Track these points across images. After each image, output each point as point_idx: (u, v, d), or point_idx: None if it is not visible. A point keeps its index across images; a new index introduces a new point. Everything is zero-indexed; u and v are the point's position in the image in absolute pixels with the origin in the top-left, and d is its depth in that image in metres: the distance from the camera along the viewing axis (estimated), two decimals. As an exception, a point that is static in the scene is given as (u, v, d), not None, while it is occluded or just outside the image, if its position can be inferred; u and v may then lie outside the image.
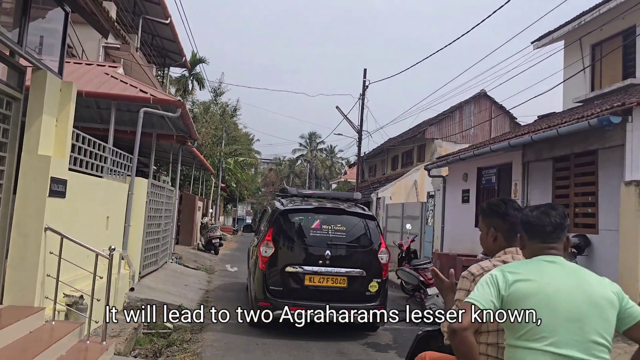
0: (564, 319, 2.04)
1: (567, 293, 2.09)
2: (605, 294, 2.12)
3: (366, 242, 7.62)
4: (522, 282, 2.11)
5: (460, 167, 13.46)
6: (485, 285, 2.14)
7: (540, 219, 2.30)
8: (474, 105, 24.87)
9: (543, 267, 2.18)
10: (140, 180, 9.01)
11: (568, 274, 2.16)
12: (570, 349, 2.01)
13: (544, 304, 2.06)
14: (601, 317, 2.07)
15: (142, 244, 9.54)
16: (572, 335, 2.02)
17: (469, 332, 2.02)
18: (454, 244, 13.73)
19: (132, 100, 9.15)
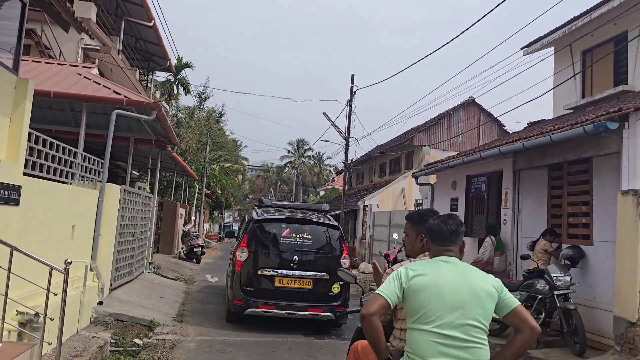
0: (449, 307, 2.48)
1: (453, 286, 2.53)
2: (485, 288, 2.57)
3: (330, 249, 8.55)
4: (419, 277, 2.56)
5: (449, 175, 13.09)
6: (391, 279, 2.61)
7: (439, 227, 2.75)
8: (463, 113, 24.63)
9: (439, 265, 2.63)
10: (111, 187, 8.50)
11: (457, 271, 2.61)
12: (453, 330, 2.47)
13: (434, 295, 2.51)
14: (480, 306, 2.52)
15: (114, 253, 9.00)
16: (455, 319, 2.47)
17: (375, 317, 2.49)
18: (443, 253, 13.33)
19: (104, 102, 8.65)
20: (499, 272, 10.03)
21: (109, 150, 8.48)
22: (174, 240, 18.03)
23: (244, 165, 59.62)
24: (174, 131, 23.02)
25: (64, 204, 6.84)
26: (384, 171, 28.84)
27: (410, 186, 23.44)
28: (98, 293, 8.08)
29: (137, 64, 24.53)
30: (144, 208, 11.35)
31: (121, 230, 9.34)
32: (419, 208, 2.63)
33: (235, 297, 8.14)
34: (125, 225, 9.66)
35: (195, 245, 17.70)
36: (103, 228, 8.31)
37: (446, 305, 2.49)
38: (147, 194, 11.83)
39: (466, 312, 2.49)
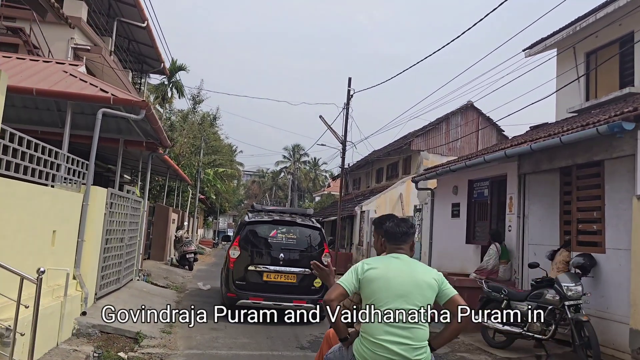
0: (395, 295, 3.01)
1: (400, 278, 3.05)
2: (426, 280, 3.08)
3: (312, 248, 9.58)
4: (372, 270, 3.10)
5: (450, 180, 12.68)
6: (350, 272, 3.15)
7: (393, 229, 3.28)
8: (461, 117, 24.29)
9: (390, 260, 3.17)
10: (97, 190, 8.02)
11: (405, 266, 3.12)
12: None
13: (384, 284, 3.04)
14: (421, 294, 3.03)
15: (100, 260, 8.51)
16: (399, 305, 2.99)
17: (334, 302, 3.03)
18: (443, 260, 12.90)
19: (89, 100, 8.19)
20: (504, 280, 9.61)
21: (94, 151, 8.00)
22: (165, 246, 17.51)
23: (239, 170, 59.17)
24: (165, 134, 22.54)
25: (44, 208, 6.37)
26: (381, 176, 28.44)
27: (408, 191, 23.05)
28: (81, 303, 7.59)
29: (130, 66, 24.07)
30: (133, 212, 10.87)
31: (108, 235, 8.86)
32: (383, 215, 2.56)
33: (228, 290, 9.18)
34: (113, 231, 9.18)
35: (188, 252, 17.19)
36: (87, 233, 7.82)
37: (393, 293, 3.03)
38: (136, 197, 11.35)
39: (409, 299, 3.02)
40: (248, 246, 9.39)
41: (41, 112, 11.01)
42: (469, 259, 11.55)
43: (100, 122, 8.04)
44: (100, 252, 8.51)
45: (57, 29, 15.76)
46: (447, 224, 12.88)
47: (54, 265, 6.80)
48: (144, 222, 12.28)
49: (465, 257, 11.75)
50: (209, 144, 28.72)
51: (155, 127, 9.73)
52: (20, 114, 11.26)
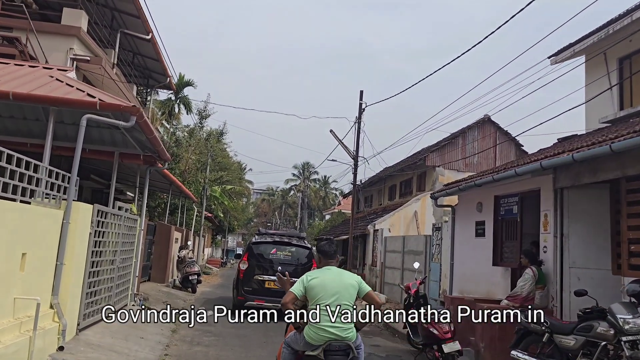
0: (330, 294, 4.49)
1: (333, 282, 4.56)
2: (351, 282, 4.62)
3: (303, 262, 12.28)
4: (313, 279, 4.59)
5: (473, 195, 11.61)
6: (299, 282, 4.63)
7: (325, 247, 4.85)
8: (478, 131, 23.27)
9: (324, 271, 4.70)
10: (80, 206, 7.09)
11: (335, 274, 4.65)
12: (330, 307, 4.43)
13: (322, 288, 4.52)
14: (347, 293, 4.54)
15: (84, 286, 7.55)
16: (333, 301, 4.47)
17: (288, 304, 4.50)
18: (466, 284, 11.77)
19: (73, 105, 7.32)
20: (540, 308, 8.48)
21: (77, 163, 7.08)
22: (167, 267, 16.53)
23: (249, 188, 58.39)
24: (171, 149, 21.64)
25: (9, 227, 5.43)
26: (394, 194, 27.38)
27: (424, 209, 21.98)
28: (58, 336, 6.61)
29: (135, 81, 23.40)
30: (127, 232, 9.93)
31: (94, 257, 7.90)
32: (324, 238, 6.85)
33: (239, 294, 12.07)
34: (101, 252, 8.22)
35: (191, 273, 16.19)
36: (68, 256, 6.88)
37: (329, 293, 4.50)
38: (132, 215, 10.41)
39: (340, 297, 4.51)
40: (254, 261, 12.44)
41: (29, 123, 10.18)
42: (497, 283, 10.43)
43: (84, 129, 7.14)
44: (85, 276, 7.55)
45: (56, 39, 15.07)
46: (470, 244, 11.78)
47: (23, 293, 5.85)
48: (140, 241, 11.33)
49: (492, 280, 10.63)
50: (215, 161, 27.92)
51: (150, 137, 8.83)
52: (7, 124, 10.44)
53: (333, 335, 4.41)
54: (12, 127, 10.58)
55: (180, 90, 30.65)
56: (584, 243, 8.21)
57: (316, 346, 4.42)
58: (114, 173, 10.85)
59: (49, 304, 6.66)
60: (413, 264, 10.88)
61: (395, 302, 17.09)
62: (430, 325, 8.02)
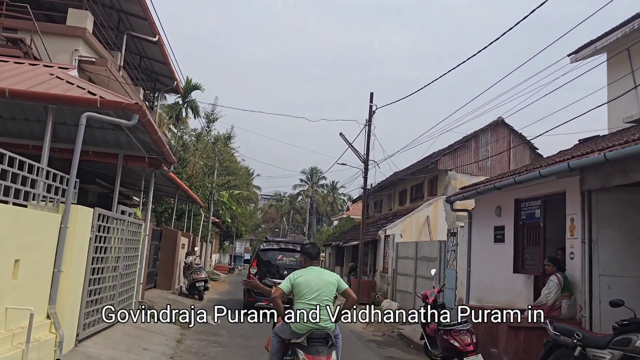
0: (313, 291, 5.21)
1: (315, 280, 5.27)
2: (331, 280, 5.37)
3: None
4: (299, 277, 5.30)
5: (491, 199, 11.12)
6: (287, 279, 5.39)
7: (309, 250, 5.65)
8: (491, 134, 22.73)
9: (308, 271, 5.41)
10: (79, 210, 6.68)
11: (317, 273, 5.38)
12: (314, 301, 5.15)
13: (306, 285, 5.23)
14: (328, 289, 5.27)
15: (84, 294, 7.13)
16: (316, 296, 5.20)
17: (277, 299, 5.30)
18: (485, 292, 11.25)
19: (72, 103, 6.92)
20: (568, 319, 7.98)
21: (76, 164, 6.68)
22: (173, 273, 16.11)
23: (256, 193, 58.06)
24: (178, 154, 21.27)
25: (1, 231, 5.02)
26: (405, 198, 26.86)
27: (436, 214, 21.46)
28: (55, 348, 6.18)
29: (142, 84, 23.12)
30: (131, 237, 9.52)
31: (95, 264, 7.49)
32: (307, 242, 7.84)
33: (249, 296, 13.24)
34: (102, 259, 7.81)
35: (198, 280, 15.75)
36: (66, 262, 6.46)
37: (312, 290, 5.26)
38: (136, 220, 10.01)
39: (321, 293, 5.26)
40: (262, 265, 13.85)
41: (31, 124, 9.83)
42: (519, 292, 9.91)
43: (84, 128, 6.74)
44: (85, 284, 7.14)
45: (61, 41, 14.80)
46: (488, 250, 11.27)
47: (15, 302, 5.44)
48: (145, 247, 10.92)
49: (514, 289, 10.10)
50: (223, 165, 27.52)
51: (154, 137, 8.43)
52: (8, 126, 10.10)
53: (315, 325, 5.22)
54: (13, 129, 10.23)
55: (188, 94, 30.35)
56: (615, 249, 7.70)
57: (301, 334, 5.21)
58: (117, 176, 10.47)
59: (45, 314, 6.25)
60: (430, 270, 10.36)
61: (408, 309, 16.54)
62: (450, 336, 7.52)
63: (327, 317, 5.23)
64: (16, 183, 5.46)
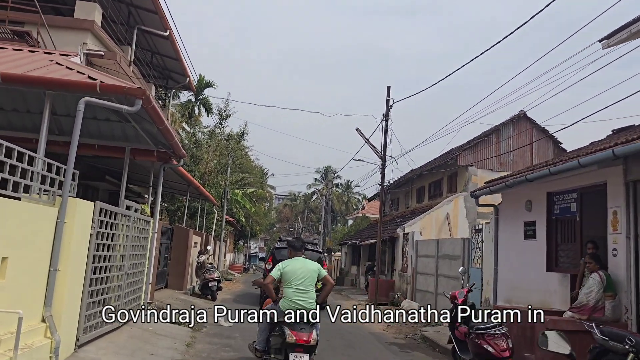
0: (298, 277, 6.26)
1: (300, 269, 6.33)
2: (313, 269, 6.43)
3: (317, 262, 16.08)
4: (287, 266, 6.34)
5: (521, 193, 10.40)
6: (276, 268, 6.39)
7: (294, 243, 6.81)
8: (513, 128, 21.90)
9: (294, 261, 6.44)
10: (78, 203, 6.14)
11: (301, 263, 6.43)
12: (300, 286, 6.23)
13: (292, 273, 6.27)
14: (311, 277, 6.34)
15: (84, 295, 6.59)
16: (301, 282, 6.25)
17: (269, 284, 6.40)
18: (514, 292, 10.54)
19: (70, 88, 6.39)
20: (612, 321, 7.26)
21: (73, 152, 6.12)
22: (185, 273, 15.60)
23: (271, 193, 57.61)
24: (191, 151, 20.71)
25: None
26: (423, 195, 26.12)
27: (456, 211, 20.71)
28: (50, 355, 5.65)
29: (154, 82, 22.69)
30: (138, 234, 8.99)
31: (97, 262, 6.95)
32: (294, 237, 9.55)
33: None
34: (105, 257, 7.27)
35: (210, 280, 15.22)
36: (64, 260, 5.93)
37: (297, 277, 6.26)
38: (143, 216, 9.49)
39: (305, 280, 6.26)
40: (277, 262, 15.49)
41: (34, 117, 9.36)
42: (553, 291, 9.19)
43: (82, 114, 6.19)
44: (85, 284, 6.60)
45: (68, 34, 14.34)
46: (518, 247, 10.55)
47: (4, 305, 4.90)
48: (154, 245, 10.40)
49: (547, 288, 9.38)
50: (237, 163, 27.00)
51: (160, 127, 7.88)
52: (10, 119, 9.65)
53: (299, 305, 6.25)
54: (16, 122, 9.80)
55: (201, 92, 29.90)
56: (669, 245, 6.97)
57: (288, 311, 6.20)
58: (125, 170, 9.96)
59: (40, 317, 5.71)
60: (454, 269, 9.69)
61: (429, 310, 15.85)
62: (483, 340, 6.85)
63: (311, 300, 6.37)
64: (4, 173, 4.93)
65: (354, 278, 30.48)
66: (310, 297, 6.31)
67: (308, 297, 6.29)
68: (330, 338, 10.54)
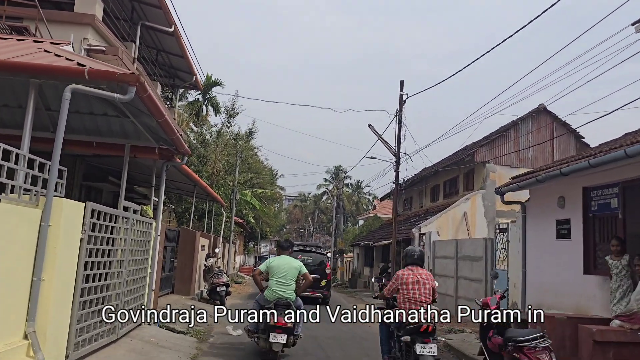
0: (281, 271, 7.87)
1: (283, 265, 7.95)
2: (295, 265, 8.05)
3: (320, 264, 17.91)
4: (272, 262, 8.12)
5: (551, 189, 9.60)
6: (264, 263, 8.31)
7: (281, 244, 8.62)
8: (532, 123, 21.00)
9: (280, 258, 8.20)
10: (64, 204, 5.44)
11: (285, 260, 8.09)
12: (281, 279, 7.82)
13: (277, 267, 7.91)
14: (292, 272, 7.93)
15: (74, 307, 5.89)
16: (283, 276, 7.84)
17: (257, 276, 8.29)
18: (545, 297, 9.72)
19: (55, 74, 5.70)
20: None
21: (59, 145, 5.43)
22: (192, 277, 14.91)
23: (281, 194, 56.99)
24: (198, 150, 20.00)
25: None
26: (437, 194, 25.28)
27: (474, 210, 19.88)
28: (31, 377, 4.95)
29: (160, 80, 22.08)
30: (138, 237, 8.31)
31: (90, 270, 6.26)
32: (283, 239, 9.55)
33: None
34: (100, 263, 6.58)
35: (219, 284, 14.53)
36: (49, 269, 5.23)
37: (280, 271, 7.82)
38: (144, 218, 8.81)
39: (286, 274, 7.82)
40: None
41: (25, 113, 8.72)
42: (591, 297, 8.37)
43: (67, 103, 5.48)
44: (75, 294, 5.90)
45: (68, 29, 13.71)
46: (549, 247, 9.74)
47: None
48: (157, 249, 9.71)
49: (584, 292, 8.57)
50: (245, 162, 26.33)
51: (160, 120, 7.18)
52: (3, 116, 9.02)
53: (280, 295, 7.71)
54: (8, 120, 9.16)
55: (208, 91, 29.30)
56: None
57: (271, 301, 7.66)
58: (124, 169, 9.29)
59: (22, 334, 5.02)
60: (487, 272, 8.90)
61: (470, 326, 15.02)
62: (522, 354, 6.07)
63: (290, 291, 7.80)
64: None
65: (367, 280, 29.67)
66: (289, 289, 7.84)
67: (288, 288, 7.82)
68: (347, 347, 9.80)
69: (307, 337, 10.37)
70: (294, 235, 79.14)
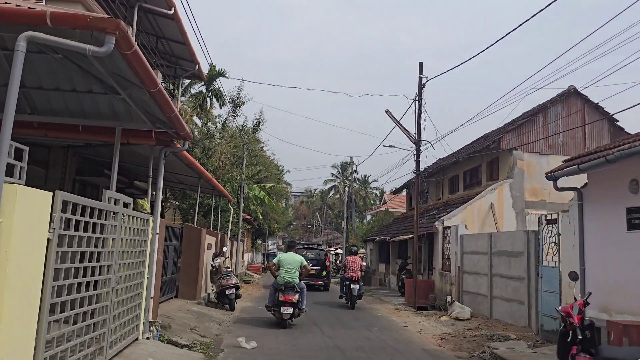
0: (288, 264, 11.69)
1: (289, 259, 11.83)
2: (298, 259, 11.89)
3: (321, 258, 23.54)
4: (282, 257, 12.03)
5: (619, 171, 8.12)
6: (276, 257, 12.42)
7: (288, 243, 12.98)
8: (562, 107, 19.45)
9: (287, 254, 12.13)
10: (22, 192, 4.01)
11: (291, 256, 11.99)
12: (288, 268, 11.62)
13: (285, 261, 11.76)
14: (296, 264, 11.75)
15: (41, 329, 4.48)
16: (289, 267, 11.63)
17: (272, 267, 12.48)
18: (612, 298, 8.26)
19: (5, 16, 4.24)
20: None
21: (11, 113, 4.00)
22: (198, 279, 13.50)
23: (288, 190, 55.71)
24: (202, 143, 18.48)
25: None
26: (457, 185, 23.77)
27: (501, 200, 18.41)
28: None
29: (161, 70, 20.66)
30: (131, 236, 6.90)
31: (62, 280, 4.84)
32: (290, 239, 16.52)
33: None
34: (79, 270, 5.17)
35: (228, 287, 13.14)
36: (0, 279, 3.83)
37: (287, 263, 11.65)
38: (138, 213, 7.39)
39: (292, 265, 11.62)
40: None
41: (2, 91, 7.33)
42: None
43: (22, 56, 4.03)
44: (43, 312, 4.49)
45: (56, 5, 12.34)
46: (617, 240, 8.27)
47: None
48: (155, 249, 8.30)
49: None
50: (252, 154, 24.90)
51: (152, 91, 5.74)
52: None
53: (287, 280, 11.29)
54: None
55: (212, 82, 27.83)
56: None
57: (281, 284, 11.24)
58: (115, 156, 7.88)
59: (-41, 371, 3.62)
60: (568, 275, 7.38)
61: (482, 316, 13.59)
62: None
63: (294, 277, 11.41)
64: None
65: (382, 277, 28.23)
66: (294, 276, 11.47)
67: (293, 275, 11.45)
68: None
69: (331, 348, 8.98)
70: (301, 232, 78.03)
